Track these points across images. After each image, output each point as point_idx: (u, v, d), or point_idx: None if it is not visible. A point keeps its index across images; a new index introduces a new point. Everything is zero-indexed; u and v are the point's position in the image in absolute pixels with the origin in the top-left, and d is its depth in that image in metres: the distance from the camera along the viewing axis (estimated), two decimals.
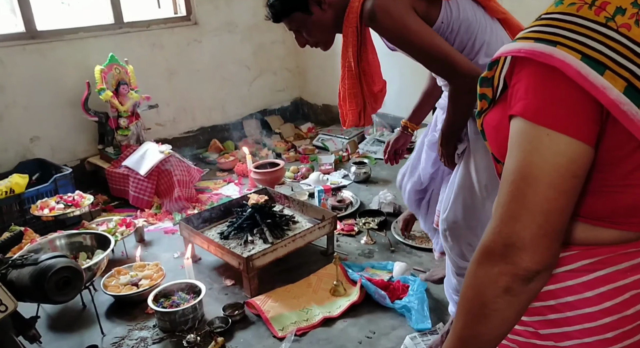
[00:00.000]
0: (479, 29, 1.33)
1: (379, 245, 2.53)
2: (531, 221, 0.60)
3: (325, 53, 4.73)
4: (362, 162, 3.40)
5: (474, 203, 1.42)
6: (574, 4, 0.60)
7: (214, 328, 1.93)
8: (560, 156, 0.59)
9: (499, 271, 0.62)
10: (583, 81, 0.56)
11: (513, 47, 0.62)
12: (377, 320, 1.96)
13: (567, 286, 0.69)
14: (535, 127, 0.60)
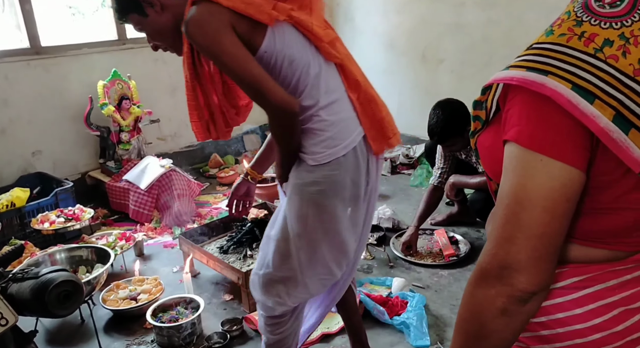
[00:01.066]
0: (304, 70, 1.25)
1: (378, 260, 2.53)
2: (526, 243, 0.62)
3: None
4: None
5: (288, 253, 1.35)
6: (564, 35, 0.62)
7: (212, 343, 1.92)
8: (554, 181, 0.61)
9: (495, 293, 0.64)
10: (574, 109, 0.59)
11: (505, 74, 0.64)
12: (376, 337, 1.95)
13: (557, 303, 0.70)
14: (529, 152, 0.62)
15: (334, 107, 1.28)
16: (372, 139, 1.33)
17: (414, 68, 3.74)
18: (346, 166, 1.30)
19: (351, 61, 1.35)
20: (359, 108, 1.32)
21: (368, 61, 4.00)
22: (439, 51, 3.56)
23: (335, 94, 1.29)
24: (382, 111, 1.36)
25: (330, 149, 1.28)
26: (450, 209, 2.95)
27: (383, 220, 2.85)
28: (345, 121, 1.29)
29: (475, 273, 0.67)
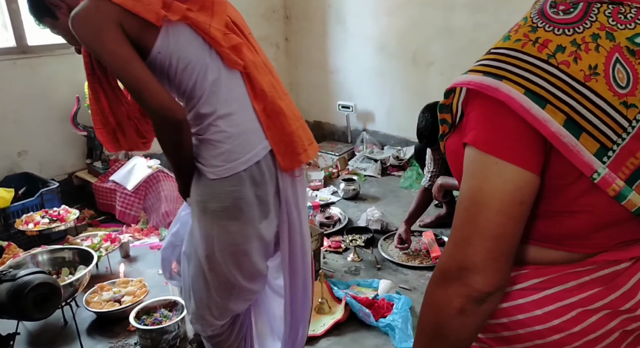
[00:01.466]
0: (200, 74, 1.18)
1: (366, 262, 2.53)
2: (482, 245, 0.63)
3: (318, 70, 4.79)
4: (352, 179, 3.41)
5: (202, 273, 1.32)
6: (519, 41, 0.63)
7: (196, 346, 1.90)
8: (508, 184, 0.62)
9: (453, 293, 0.65)
10: (526, 114, 0.60)
11: (464, 79, 0.65)
12: (361, 339, 1.94)
13: (518, 304, 0.71)
14: (485, 155, 0.63)
15: (234, 118, 1.21)
16: (281, 155, 1.25)
17: (404, 70, 3.75)
18: (249, 182, 1.22)
19: (260, 69, 1.26)
20: (265, 120, 1.23)
21: (359, 63, 4.01)
22: (429, 53, 3.57)
23: (236, 103, 1.22)
24: (292, 125, 1.26)
25: (229, 163, 1.20)
26: (438, 211, 2.95)
27: (372, 221, 2.84)
28: (246, 133, 1.21)
29: (435, 273, 0.68)
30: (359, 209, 3.14)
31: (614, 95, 0.60)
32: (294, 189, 1.33)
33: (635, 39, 0.61)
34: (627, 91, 0.60)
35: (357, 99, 4.10)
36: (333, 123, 4.42)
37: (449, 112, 0.72)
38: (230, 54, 1.19)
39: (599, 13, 0.62)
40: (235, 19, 1.29)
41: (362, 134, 4.04)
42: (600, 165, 0.60)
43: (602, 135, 0.60)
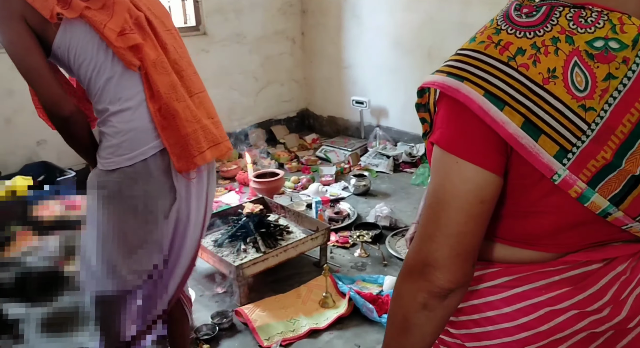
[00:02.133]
0: (94, 72, 1.22)
1: (372, 258, 2.53)
2: (444, 242, 0.64)
3: (332, 66, 4.77)
4: (362, 175, 3.41)
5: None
6: (483, 42, 0.64)
7: (201, 335, 1.95)
8: (468, 183, 0.63)
9: (417, 288, 0.67)
10: (484, 115, 0.60)
11: (430, 79, 0.66)
12: (364, 334, 1.96)
13: (488, 301, 0.72)
14: (447, 155, 0.64)
15: (125, 116, 1.24)
16: (175, 156, 1.26)
17: (419, 66, 3.71)
18: (134, 177, 1.25)
19: (161, 69, 1.27)
20: (160, 121, 1.25)
21: (374, 59, 3.99)
22: (445, 49, 3.52)
23: (130, 101, 1.24)
24: (188, 127, 1.27)
25: (115, 157, 1.25)
26: None
27: (380, 218, 2.84)
28: (135, 131, 1.25)
29: (403, 268, 0.70)
30: (368, 205, 3.14)
31: (573, 98, 0.60)
32: (188, 189, 1.34)
33: (594, 43, 0.61)
34: (586, 94, 0.60)
35: (371, 94, 4.08)
36: (347, 118, 4.41)
37: (427, 111, 0.73)
38: (124, 54, 1.21)
39: (561, 16, 0.62)
40: (151, 16, 1.29)
41: (376, 130, 4.03)
42: (560, 167, 0.60)
43: (561, 137, 0.60)
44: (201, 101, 1.37)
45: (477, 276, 0.73)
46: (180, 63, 1.34)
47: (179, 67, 1.32)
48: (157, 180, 1.29)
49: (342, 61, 4.26)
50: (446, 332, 0.79)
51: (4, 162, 3.10)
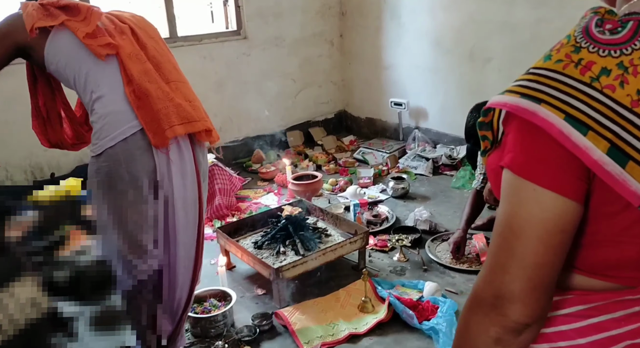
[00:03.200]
0: (77, 68, 1.40)
1: (412, 262, 2.50)
2: (520, 273, 0.61)
3: (371, 68, 4.75)
4: (401, 177, 3.38)
5: None
6: (560, 61, 0.60)
7: (242, 336, 1.98)
8: (547, 212, 0.59)
9: (490, 322, 0.63)
10: (565, 140, 0.57)
11: (500, 99, 0.63)
12: (404, 340, 1.94)
13: (561, 331, 0.68)
14: (522, 181, 0.60)
15: (104, 100, 1.39)
16: (151, 133, 1.39)
17: (460, 67, 3.64)
18: (117, 159, 1.37)
19: (136, 59, 1.45)
20: (135, 101, 1.39)
21: (413, 59, 3.94)
22: (487, 49, 3.44)
23: (107, 87, 1.40)
24: (159, 104, 1.41)
25: (100, 140, 1.38)
26: (491, 213, 2.85)
27: (420, 221, 2.81)
28: (114, 113, 1.38)
29: (470, 299, 0.66)
30: (407, 209, 3.10)
31: None
32: (168, 167, 1.44)
33: None
34: None
35: (409, 96, 4.04)
36: (385, 120, 4.38)
37: (490, 129, 0.70)
38: (94, 48, 1.39)
39: None
40: (134, 27, 1.53)
41: (414, 132, 3.98)
42: None
43: None
44: (178, 87, 1.53)
45: None
46: (159, 58, 1.52)
47: (157, 61, 1.51)
48: (140, 159, 1.40)
49: (380, 62, 4.23)
50: None
51: (57, 164, 3.26)
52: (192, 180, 1.52)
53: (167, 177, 1.44)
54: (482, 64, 3.48)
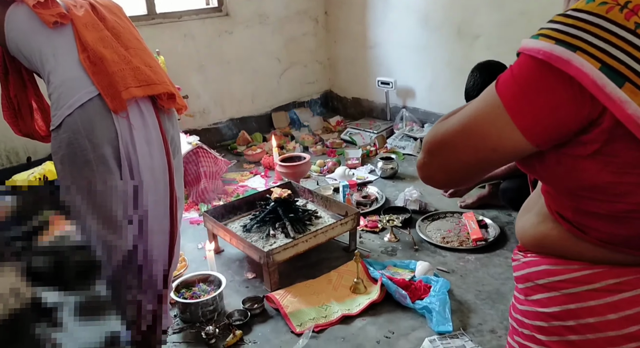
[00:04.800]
0: (33, 37, 1.36)
1: (403, 243, 2.48)
2: (444, 170, 0.71)
3: (357, 46, 4.66)
4: (390, 157, 3.34)
5: None
6: (605, 4, 0.55)
7: (233, 321, 1.94)
8: (505, 145, 0.62)
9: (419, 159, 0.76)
10: (599, 92, 0.53)
11: (534, 45, 0.58)
12: (397, 320, 1.92)
13: (589, 306, 0.65)
14: (503, 110, 0.61)
15: (59, 70, 1.34)
16: (108, 97, 1.34)
17: (448, 44, 3.59)
18: (77, 128, 1.31)
19: (91, 28, 1.40)
20: (90, 67, 1.34)
21: (400, 37, 3.87)
22: (475, 26, 3.39)
23: (61, 57, 1.35)
24: (114, 67, 1.36)
25: (58, 110, 1.33)
26: (480, 192, 2.84)
27: (410, 201, 2.78)
28: (70, 80, 1.33)
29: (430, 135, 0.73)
30: (396, 189, 3.08)
31: None
32: (131, 134, 1.38)
33: None
34: None
35: (397, 74, 3.98)
36: (372, 100, 4.32)
37: None
38: (43, 14, 1.34)
39: None
40: (96, 5, 1.48)
41: (402, 111, 3.94)
42: None
43: None
44: (138, 53, 1.47)
45: (575, 278, 0.67)
46: (119, 29, 1.47)
47: (116, 31, 1.45)
48: (99, 126, 1.34)
49: (367, 41, 4.15)
50: (532, 338, 0.72)
51: (33, 148, 3.13)
52: (159, 148, 1.45)
53: (131, 144, 1.38)
54: (471, 41, 3.43)
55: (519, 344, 0.75)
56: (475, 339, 1.79)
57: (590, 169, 0.59)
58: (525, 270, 0.74)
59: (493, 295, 2.03)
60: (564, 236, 0.68)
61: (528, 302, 0.73)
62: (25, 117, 1.57)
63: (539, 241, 0.73)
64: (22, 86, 1.54)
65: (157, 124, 1.45)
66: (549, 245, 0.71)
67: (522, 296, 0.75)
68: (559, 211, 0.68)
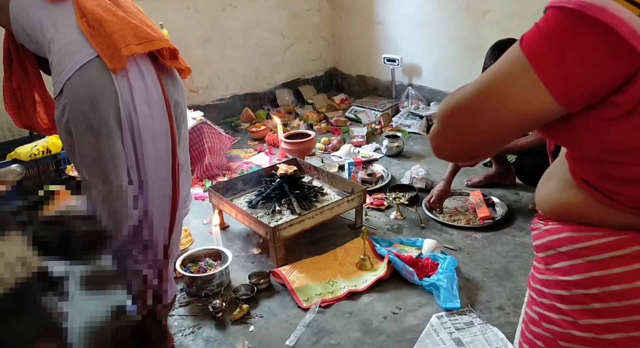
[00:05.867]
0: (35, 14, 1.35)
1: (409, 220, 2.47)
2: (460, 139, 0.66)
3: (363, 22, 4.58)
4: (395, 135, 3.30)
5: None
6: None
7: (240, 295, 1.94)
8: (531, 107, 0.58)
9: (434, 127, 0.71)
10: (636, 40, 0.50)
11: None
12: (404, 297, 1.92)
13: (614, 273, 0.63)
14: (529, 68, 0.57)
15: (57, 38, 1.33)
16: (107, 58, 1.32)
17: (456, 20, 3.51)
18: (77, 92, 1.30)
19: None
20: (89, 31, 1.33)
21: (407, 13, 3.78)
22: (484, 1, 3.30)
23: (60, 26, 1.33)
24: (113, 27, 1.35)
25: (58, 76, 1.32)
26: (487, 170, 2.82)
27: (416, 179, 2.76)
28: (68, 45, 1.32)
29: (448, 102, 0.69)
30: (402, 167, 3.05)
31: None
32: (131, 95, 1.35)
33: None
34: None
35: (403, 52, 3.90)
36: (377, 78, 4.25)
37: None
38: None
39: None
40: None
41: (408, 89, 3.88)
42: None
43: None
44: (137, 16, 1.45)
45: (600, 245, 0.64)
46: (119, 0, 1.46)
47: (117, 2, 1.44)
48: (99, 87, 1.31)
49: (373, 16, 4.06)
50: (553, 307, 0.70)
51: None
52: (161, 110, 1.42)
53: (132, 106, 1.35)
54: (480, 16, 3.35)
55: (538, 314, 0.73)
56: (483, 316, 1.78)
57: (622, 132, 0.56)
58: (546, 238, 0.72)
59: (501, 272, 2.03)
60: (588, 202, 0.66)
61: (548, 271, 0.71)
62: (27, 109, 1.56)
63: (561, 208, 0.71)
64: (26, 78, 1.54)
65: (159, 86, 1.42)
66: (572, 212, 0.69)
67: (542, 265, 0.73)
68: (584, 177, 0.65)
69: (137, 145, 1.39)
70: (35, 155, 2.66)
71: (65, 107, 1.32)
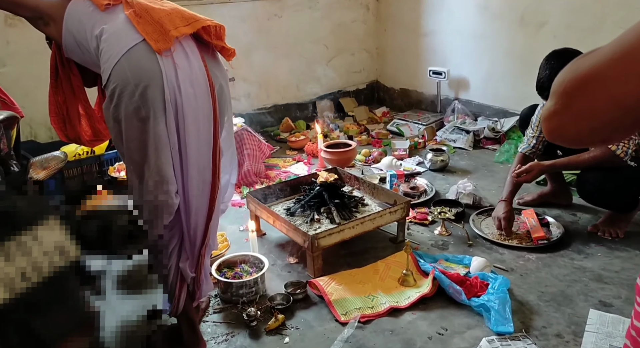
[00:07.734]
0: (88, 21, 1.37)
1: (455, 237, 2.32)
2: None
3: (408, 35, 4.50)
4: (441, 149, 3.17)
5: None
6: None
7: (275, 304, 1.84)
8: None
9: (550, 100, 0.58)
10: None
11: None
12: (450, 317, 1.78)
13: None
14: None
15: (106, 28, 1.35)
16: (154, 40, 1.33)
17: (509, 32, 3.38)
18: (125, 75, 1.30)
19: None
20: (136, 19, 1.34)
21: (457, 25, 3.68)
22: (541, 12, 3.17)
23: (111, 22, 1.35)
24: (161, 13, 1.37)
25: (106, 63, 1.32)
26: (541, 189, 2.64)
27: (463, 195, 2.61)
28: (115, 33, 1.33)
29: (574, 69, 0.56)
30: (447, 182, 2.91)
31: None
32: (176, 75, 1.34)
33: None
34: None
35: (450, 65, 3.79)
36: (421, 91, 4.15)
37: None
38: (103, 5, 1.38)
39: None
40: None
41: (454, 103, 3.75)
42: None
43: None
44: (171, 8, 1.45)
45: None
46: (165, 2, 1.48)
47: (161, 2, 1.46)
48: (145, 67, 1.31)
49: (419, 29, 3.98)
50: None
51: None
52: (205, 91, 1.39)
53: (177, 85, 1.34)
54: (535, 29, 3.21)
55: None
56: (539, 343, 1.62)
57: None
58: None
59: (558, 297, 1.85)
60: None
61: None
62: (73, 122, 1.58)
63: None
64: (72, 92, 1.56)
65: (203, 67, 1.40)
66: None
67: None
68: None
69: (179, 127, 1.37)
70: (80, 155, 2.69)
71: (114, 92, 1.31)
